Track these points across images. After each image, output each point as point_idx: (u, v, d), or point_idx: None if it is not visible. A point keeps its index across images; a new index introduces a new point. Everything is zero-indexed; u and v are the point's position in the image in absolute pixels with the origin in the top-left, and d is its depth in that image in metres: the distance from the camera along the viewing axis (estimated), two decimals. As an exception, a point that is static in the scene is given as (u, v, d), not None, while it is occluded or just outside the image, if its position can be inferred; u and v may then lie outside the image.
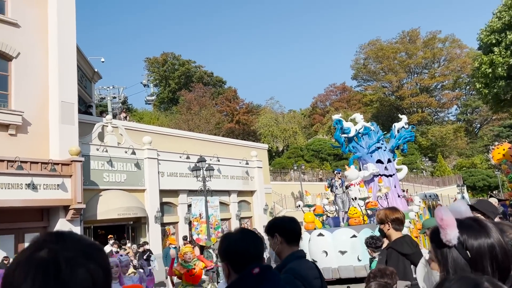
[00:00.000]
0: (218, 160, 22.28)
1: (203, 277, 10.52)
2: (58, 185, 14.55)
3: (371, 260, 5.84)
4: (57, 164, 14.61)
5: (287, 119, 52.15)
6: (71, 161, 14.97)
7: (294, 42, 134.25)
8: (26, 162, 13.81)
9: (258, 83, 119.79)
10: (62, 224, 14.92)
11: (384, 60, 59.32)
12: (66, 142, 15.37)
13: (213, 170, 18.52)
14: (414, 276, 3.43)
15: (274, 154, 47.78)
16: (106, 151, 17.53)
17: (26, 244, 8.16)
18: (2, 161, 13.32)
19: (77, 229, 15.20)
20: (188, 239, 17.78)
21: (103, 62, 31.21)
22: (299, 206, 16.04)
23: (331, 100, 62.47)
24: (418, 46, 59.81)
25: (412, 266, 3.46)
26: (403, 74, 59.84)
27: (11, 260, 11.45)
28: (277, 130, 48.87)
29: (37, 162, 14.16)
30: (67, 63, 16.37)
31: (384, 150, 17.88)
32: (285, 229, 2.57)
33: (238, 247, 1.78)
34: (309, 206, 14.97)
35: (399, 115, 21.23)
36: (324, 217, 15.41)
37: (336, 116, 17.56)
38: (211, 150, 22.39)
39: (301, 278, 2.42)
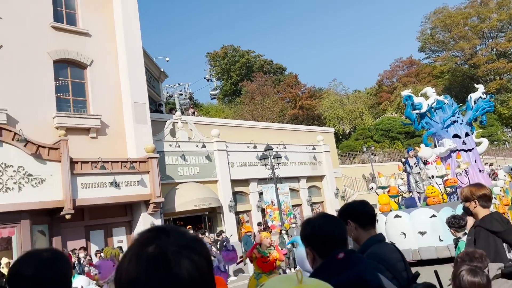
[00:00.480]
0: (285, 147, 22.35)
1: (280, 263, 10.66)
2: (137, 181, 15.49)
3: (456, 240, 5.54)
4: (135, 162, 15.54)
5: (352, 99, 50.72)
6: (148, 158, 15.85)
7: (353, 20, 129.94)
8: (107, 162, 14.84)
9: (319, 66, 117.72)
10: (144, 218, 15.90)
11: (453, 28, 55.31)
12: (141, 141, 16.30)
13: (281, 157, 18.62)
14: (508, 256, 3.21)
15: (341, 137, 46.87)
16: (179, 146, 18.32)
17: (115, 238, 8.86)
18: (87, 162, 14.43)
19: (158, 222, 16.12)
20: (263, 226, 18.13)
21: (167, 61, 32.46)
22: (372, 188, 15.62)
23: (398, 76, 59.64)
24: (491, 8, 54.93)
25: (505, 244, 3.23)
26: (476, 40, 55.39)
27: (102, 254, 12.41)
28: (342, 112, 47.77)
29: (117, 161, 15.16)
30: (136, 66, 17.27)
31: (461, 124, 16.79)
32: (357, 213, 2.51)
33: (322, 232, 1.77)
34: (382, 187, 14.51)
35: (475, 84, 19.77)
36: (400, 198, 14.88)
37: (405, 92, 16.78)
38: (277, 138, 22.51)
39: (384, 262, 2.36)
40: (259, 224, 18.17)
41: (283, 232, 15.84)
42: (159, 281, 0.81)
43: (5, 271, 11.78)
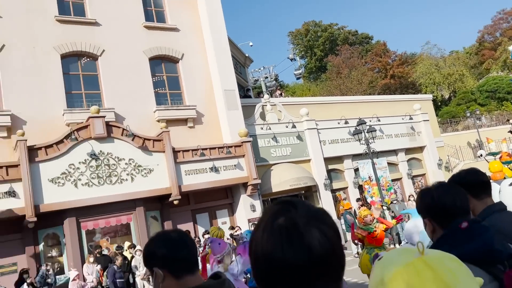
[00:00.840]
0: (379, 120, 21.49)
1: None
2: (234, 165, 16.13)
3: None
4: (231, 147, 16.18)
5: (450, 62, 46.65)
6: (242, 142, 16.40)
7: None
8: (206, 149, 15.66)
9: (409, 30, 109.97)
10: (244, 200, 16.54)
11: None
12: (234, 126, 16.90)
13: (375, 131, 17.96)
14: None
15: (440, 103, 43.64)
16: (269, 128, 18.63)
17: (219, 220, 9.48)
18: (188, 150, 15.38)
19: (257, 203, 16.67)
20: (362, 202, 17.80)
21: (251, 46, 32.93)
22: (481, 155, 14.42)
23: (502, 30, 53.35)
24: None
25: None
26: None
27: (207, 236, 13.18)
28: (439, 76, 44.26)
29: (214, 148, 15.93)
30: (223, 54, 17.82)
31: None
32: (467, 183, 2.29)
33: (443, 201, 1.68)
34: (493, 154, 13.32)
35: None
36: (515, 163, 13.51)
37: (513, 47, 15.02)
38: (369, 111, 21.70)
39: (504, 234, 2.17)
40: (358, 200, 17.86)
41: (384, 208, 15.39)
42: (294, 251, 0.83)
43: (127, 253, 13.16)
